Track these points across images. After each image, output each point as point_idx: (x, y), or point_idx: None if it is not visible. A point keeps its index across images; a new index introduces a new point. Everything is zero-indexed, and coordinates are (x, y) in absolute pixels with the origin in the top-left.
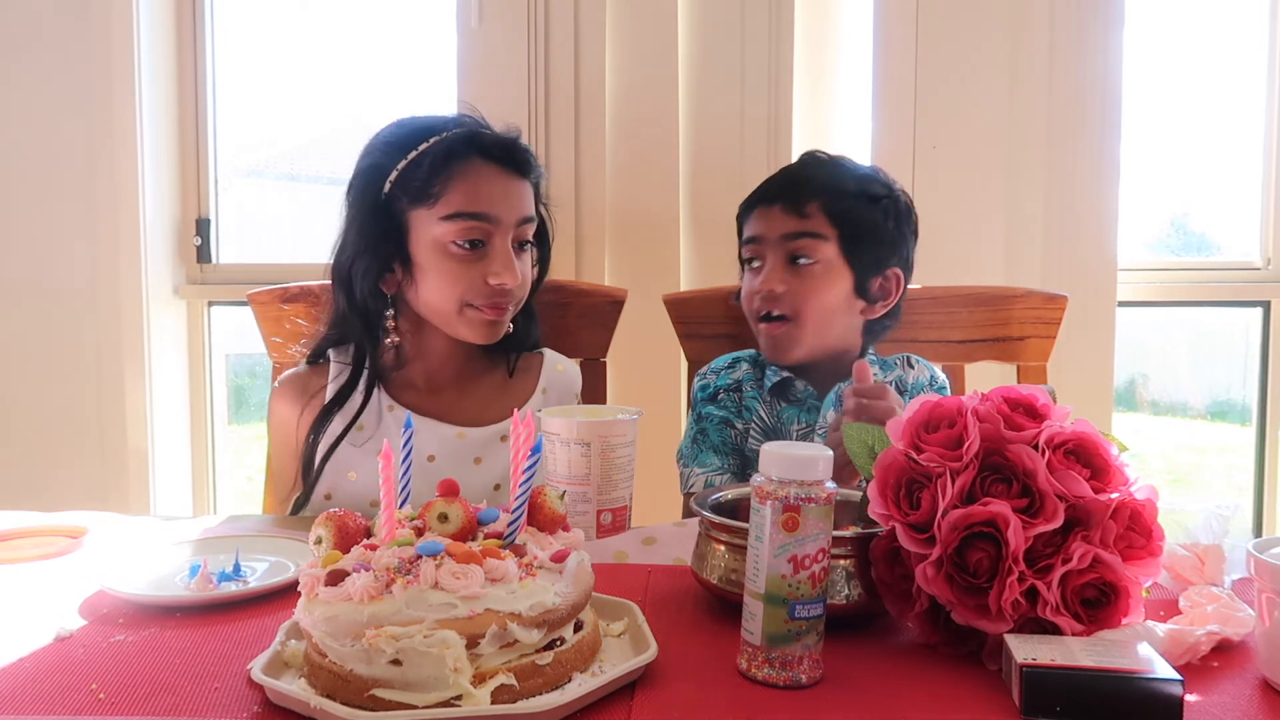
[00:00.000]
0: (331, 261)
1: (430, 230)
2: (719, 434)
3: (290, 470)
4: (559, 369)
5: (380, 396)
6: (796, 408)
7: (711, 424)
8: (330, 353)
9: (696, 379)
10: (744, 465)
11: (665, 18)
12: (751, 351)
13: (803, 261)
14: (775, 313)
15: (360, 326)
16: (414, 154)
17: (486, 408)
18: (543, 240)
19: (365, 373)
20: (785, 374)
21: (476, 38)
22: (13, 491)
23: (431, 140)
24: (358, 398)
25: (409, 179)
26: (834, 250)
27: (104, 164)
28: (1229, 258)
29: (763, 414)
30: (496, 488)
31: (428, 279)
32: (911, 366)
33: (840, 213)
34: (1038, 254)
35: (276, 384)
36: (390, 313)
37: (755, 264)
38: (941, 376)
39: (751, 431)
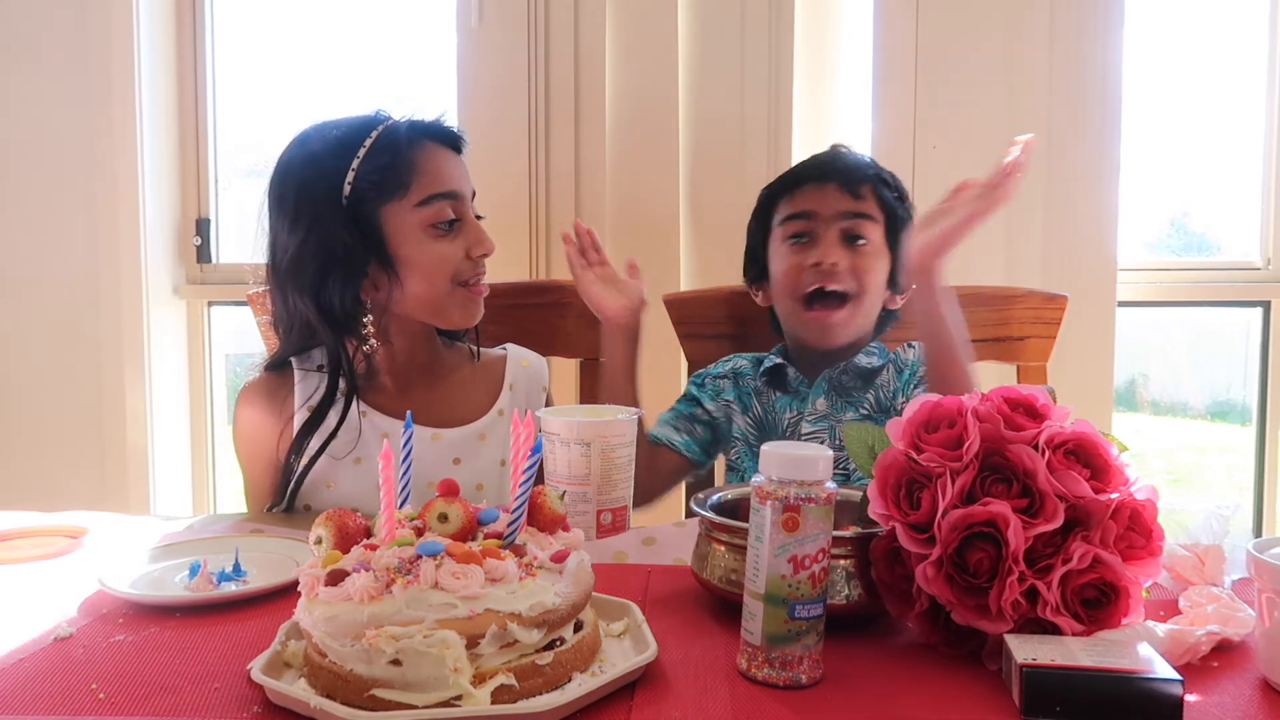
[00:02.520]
0: (271, 269)
1: (408, 220)
2: (685, 405)
3: (264, 480)
4: (524, 364)
5: (354, 404)
6: (789, 397)
7: (683, 400)
8: (292, 360)
9: (693, 376)
10: (712, 443)
11: (665, 17)
12: (753, 355)
13: (859, 241)
14: (831, 288)
15: (334, 338)
16: (364, 150)
17: (457, 407)
18: None
19: (341, 385)
20: (778, 360)
21: (476, 38)
22: (13, 491)
23: (376, 134)
24: (334, 415)
25: (369, 175)
26: (879, 235)
27: (104, 164)
28: (1229, 257)
29: (757, 406)
30: (480, 487)
31: (414, 271)
32: (911, 347)
33: (886, 199)
34: (1038, 254)
35: (241, 392)
36: (369, 318)
37: (803, 239)
38: None
39: (736, 420)
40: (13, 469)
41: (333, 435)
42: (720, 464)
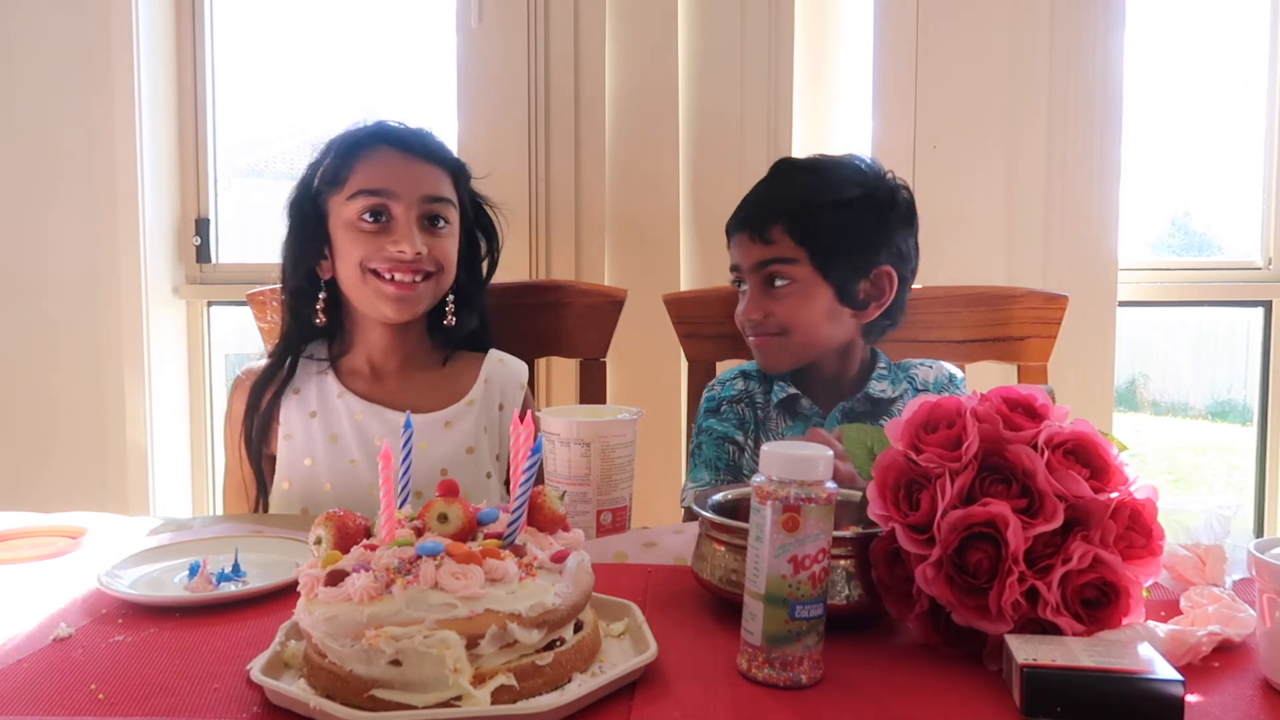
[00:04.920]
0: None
1: (341, 212)
2: (715, 449)
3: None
4: (499, 361)
5: (331, 383)
6: (803, 422)
7: (709, 438)
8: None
9: (705, 391)
10: (737, 482)
11: (665, 18)
12: (754, 370)
13: (778, 284)
14: (760, 335)
15: (291, 305)
16: (333, 151)
17: (428, 396)
18: (489, 235)
19: (294, 349)
20: (791, 390)
21: (476, 38)
22: (12, 491)
23: (346, 136)
24: (286, 369)
25: (327, 172)
26: (806, 269)
27: (104, 164)
28: (1230, 257)
29: (768, 430)
30: (444, 472)
31: (338, 256)
32: (930, 366)
33: (804, 230)
34: (1038, 254)
35: (240, 374)
36: (322, 294)
37: (741, 287)
38: (953, 372)
39: (750, 448)
40: (12, 469)
41: (287, 382)
42: None
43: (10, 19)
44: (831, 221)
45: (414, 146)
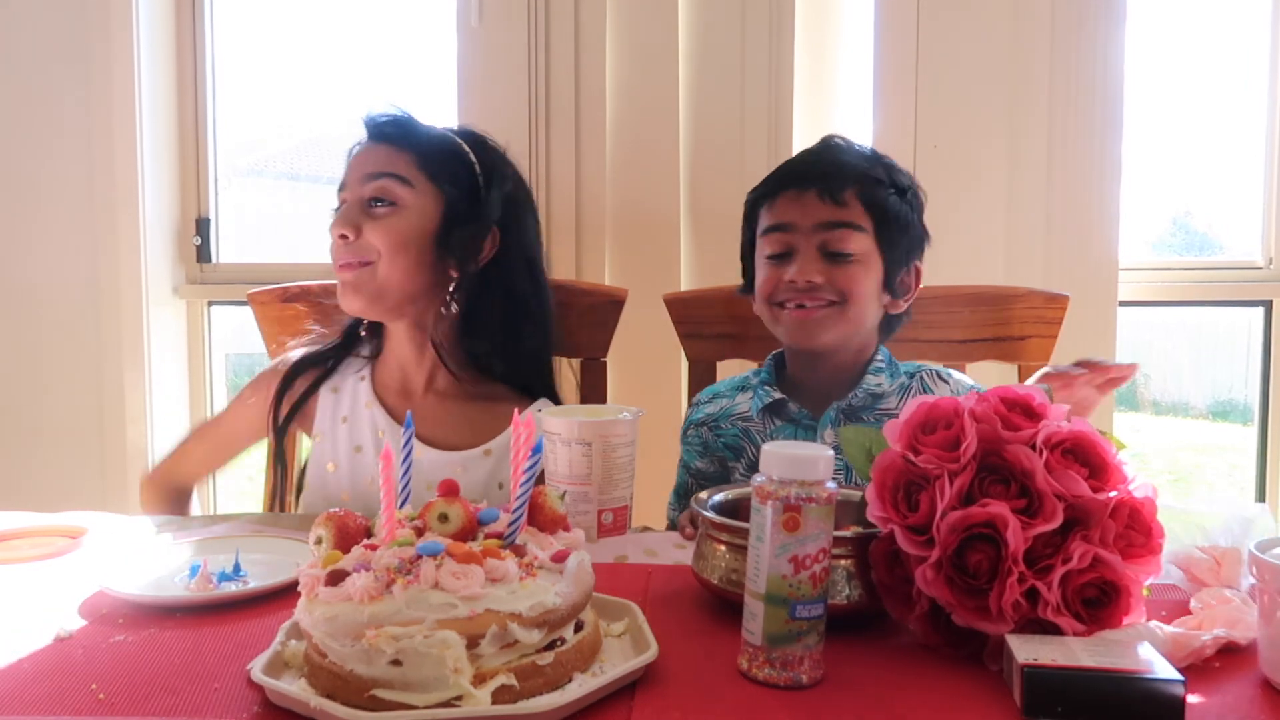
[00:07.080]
0: None
1: None
2: (681, 474)
3: (214, 443)
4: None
5: (365, 390)
6: (792, 426)
7: (680, 463)
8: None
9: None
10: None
11: (665, 18)
12: (741, 378)
13: (839, 253)
14: (811, 305)
15: None
16: None
17: (450, 432)
18: (482, 218)
19: (356, 330)
20: (777, 395)
21: (476, 37)
22: (12, 491)
23: None
24: (334, 360)
25: None
26: (870, 242)
27: (104, 164)
28: (1231, 257)
29: (755, 437)
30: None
31: None
32: (946, 382)
33: (875, 202)
34: (1039, 253)
35: (277, 362)
36: None
37: (782, 255)
38: (965, 381)
39: (732, 466)
40: (13, 469)
41: (329, 373)
42: None
43: (9, 18)
44: (894, 201)
45: (376, 131)
